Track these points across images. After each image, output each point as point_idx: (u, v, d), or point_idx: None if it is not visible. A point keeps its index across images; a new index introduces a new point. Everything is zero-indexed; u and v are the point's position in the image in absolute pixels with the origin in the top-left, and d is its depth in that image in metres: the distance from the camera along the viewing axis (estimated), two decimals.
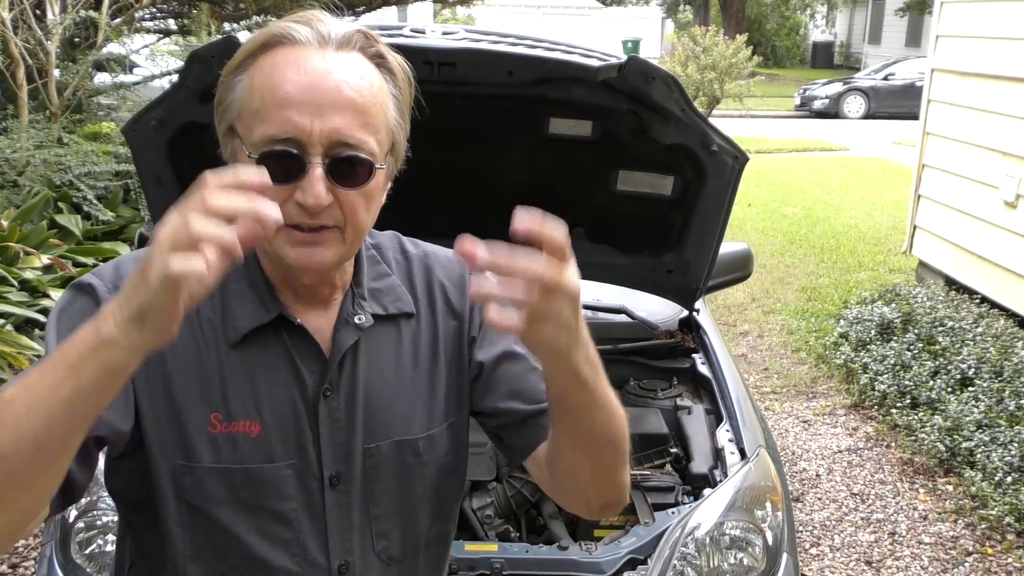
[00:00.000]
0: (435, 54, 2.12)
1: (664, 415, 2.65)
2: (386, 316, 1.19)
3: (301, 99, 1.01)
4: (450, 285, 1.25)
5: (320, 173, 1.01)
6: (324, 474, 1.14)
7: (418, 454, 1.20)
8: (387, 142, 1.08)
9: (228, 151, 1.09)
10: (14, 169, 5.27)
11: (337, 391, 1.15)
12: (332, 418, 1.14)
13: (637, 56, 2.18)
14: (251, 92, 1.04)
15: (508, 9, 25.23)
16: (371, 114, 1.04)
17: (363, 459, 1.16)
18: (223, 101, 1.07)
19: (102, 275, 1.10)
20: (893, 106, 19.32)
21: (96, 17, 5.99)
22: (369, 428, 1.16)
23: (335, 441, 1.15)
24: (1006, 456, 3.81)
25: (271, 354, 1.12)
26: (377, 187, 1.08)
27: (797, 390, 5.24)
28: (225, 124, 1.08)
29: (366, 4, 8.96)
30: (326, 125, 1.01)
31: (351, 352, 1.16)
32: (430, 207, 2.70)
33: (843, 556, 3.58)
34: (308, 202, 1.01)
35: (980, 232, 5.79)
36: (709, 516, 2.09)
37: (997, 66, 5.62)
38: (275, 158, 1.01)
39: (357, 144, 1.03)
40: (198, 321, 1.10)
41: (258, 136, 1.02)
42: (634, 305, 3.03)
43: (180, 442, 1.09)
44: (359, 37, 1.07)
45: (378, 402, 1.17)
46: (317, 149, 1.01)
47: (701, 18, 30.51)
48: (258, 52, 1.05)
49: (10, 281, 4.23)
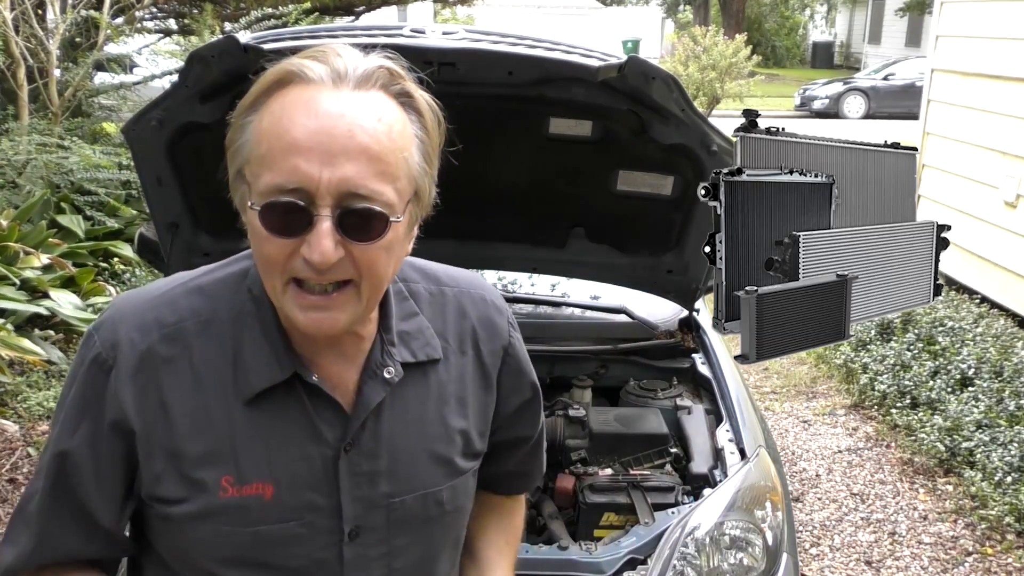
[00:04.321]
0: (435, 54, 2.12)
1: (664, 415, 2.65)
2: (415, 364, 1.12)
3: (310, 145, 0.92)
4: (483, 332, 1.19)
5: (328, 227, 0.93)
6: (344, 529, 1.08)
7: (441, 504, 1.14)
8: (408, 190, 0.99)
9: (237, 197, 1.01)
10: (14, 169, 5.26)
11: (359, 446, 1.08)
12: (353, 472, 1.07)
13: (637, 56, 2.17)
14: (259, 135, 0.96)
15: (508, 9, 25.20)
16: (388, 161, 0.95)
17: (387, 513, 1.10)
18: (233, 143, 1.00)
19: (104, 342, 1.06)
20: (893, 106, 19.31)
21: (97, 17, 5.98)
22: (393, 482, 1.10)
23: (356, 496, 1.08)
24: (1006, 456, 3.81)
25: (287, 413, 1.05)
26: (397, 239, 0.99)
27: (797, 390, 5.25)
28: (235, 168, 1.00)
29: (366, 4, 8.97)
30: (336, 174, 0.92)
31: (375, 406, 1.08)
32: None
33: (843, 556, 3.58)
34: (314, 259, 0.93)
35: (980, 232, 5.79)
36: (709, 516, 2.09)
37: (997, 66, 5.62)
38: (280, 209, 0.94)
39: (370, 195, 0.94)
40: (206, 376, 1.04)
41: (264, 184, 0.94)
42: (634, 305, 3.03)
43: (188, 507, 1.04)
44: (382, 73, 0.98)
45: (402, 456, 1.10)
46: (326, 200, 0.93)
47: (701, 18, 30.48)
48: (271, 91, 0.97)
49: (10, 280, 4.23)
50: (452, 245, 2.77)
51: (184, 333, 1.05)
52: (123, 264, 5.36)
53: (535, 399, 1.29)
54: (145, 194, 2.49)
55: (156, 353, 1.04)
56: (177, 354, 1.05)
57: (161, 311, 1.06)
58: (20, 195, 5.20)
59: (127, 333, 1.05)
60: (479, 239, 2.77)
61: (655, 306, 3.04)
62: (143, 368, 1.04)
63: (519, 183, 2.66)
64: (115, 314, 1.08)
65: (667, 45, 27.49)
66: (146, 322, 1.05)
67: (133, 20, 6.88)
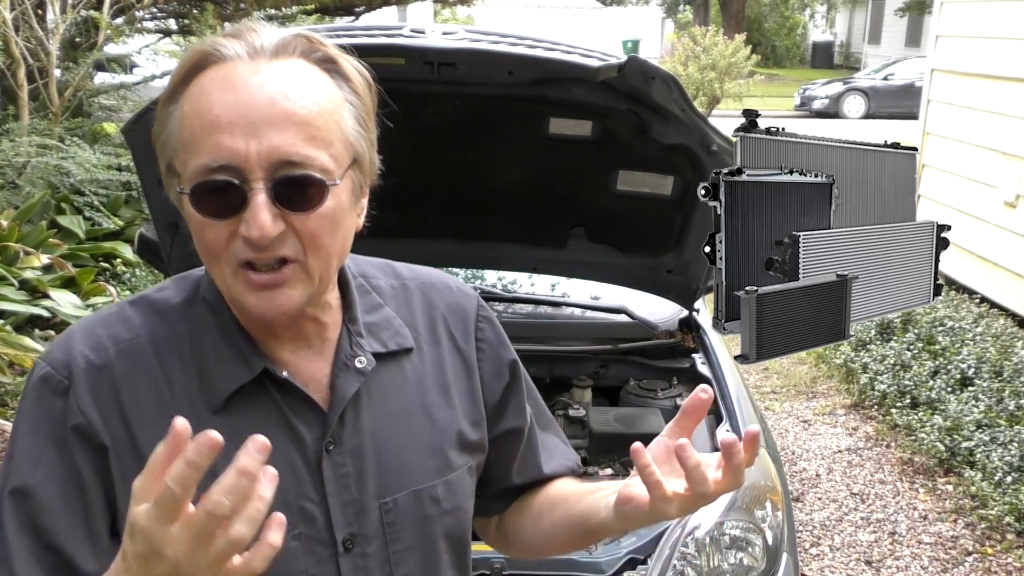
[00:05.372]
0: (435, 54, 2.12)
1: (664, 415, 2.65)
2: (387, 353, 1.07)
3: (231, 119, 0.88)
4: (453, 319, 1.15)
5: (264, 200, 0.89)
6: (336, 539, 1.01)
7: (437, 502, 1.08)
8: (346, 155, 0.95)
9: (173, 194, 0.95)
10: (14, 170, 5.27)
11: (341, 444, 1.02)
12: (339, 474, 1.01)
13: (637, 56, 2.18)
14: (182, 121, 0.91)
15: (507, 9, 25.21)
16: (317, 125, 0.91)
17: (380, 516, 1.04)
18: (159, 136, 0.95)
19: (55, 363, 0.98)
20: (893, 106, 19.32)
21: (97, 17, 5.98)
22: (382, 480, 1.04)
23: (344, 500, 1.02)
24: (1006, 456, 3.81)
25: (260, 415, 0.98)
26: (340, 208, 0.94)
27: (797, 390, 5.25)
28: (164, 163, 0.95)
29: (366, 4, 8.97)
30: (263, 144, 0.88)
31: (353, 399, 1.03)
32: (430, 208, 2.71)
33: (843, 556, 3.58)
34: (252, 235, 0.89)
35: (980, 232, 5.79)
36: (709, 516, 2.09)
37: (997, 66, 5.63)
38: (211, 191, 0.89)
39: (303, 161, 0.90)
40: (170, 393, 0.97)
41: (192, 168, 0.90)
42: (634, 305, 3.03)
43: None
44: (300, 41, 0.94)
45: (388, 450, 1.05)
46: (257, 174, 0.88)
47: (701, 18, 30.49)
48: (189, 76, 0.93)
49: (10, 280, 4.23)
50: (452, 245, 2.77)
51: (141, 350, 0.99)
52: (124, 265, 5.36)
53: (516, 382, 1.21)
54: (145, 194, 2.49)
55: (114, 369, 0.97)
56: (137, 372, 0.98)
57: (115, 328, 1.00)
58: (20, 195, 5.20)
59: (80, 351, 0.98)
60: (479, 239, 2.77)
61: (655, 306, 3.04)
62: (102, 384, 0.97)
63: (519, 183, 2.66)
64: (63, 338, 1.00)
65: (667, 45, 27.47)
66: (99, 339, 0.99)
67: (133, 20, 6.89)
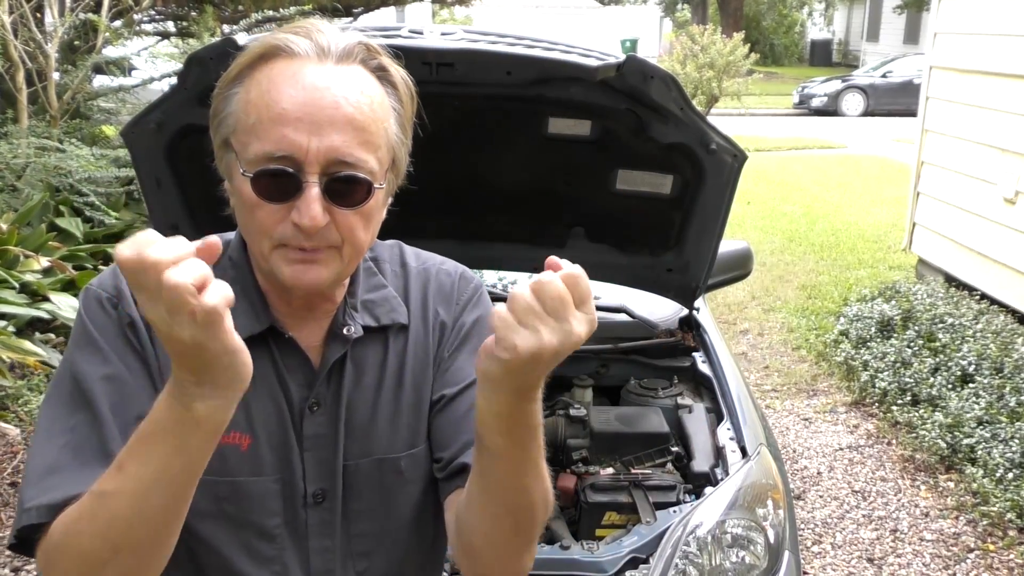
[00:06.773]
0: (433, 55, 2.12)
1: (665, 414, 2.65)
2: (377, 328, 1.16)
3: (298, 115, 0.97)
4: (439, 295, 1.22)
5: (316, 193, 0.98)
6: (308, 491, 1.12)
7: (400, 472, 1.16)
8: (387, 159, 1.05)
9: (223, 165, 1.06)
10: (13, 173, 5.26)
11: (323, 406, 1.12)
12: (316, 434, 1.12)
13: (635, 55, 2.18)
14: (247, 106, 1.01)
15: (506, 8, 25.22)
16: (371, 131, 1.01)
17: (344, 476, 1.13)
18: (218, 113, 1.04)
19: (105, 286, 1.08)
20: (891, 103, 19.33)
21: (96, 20, 5.98)
22: (350, 444, 1.13)
23: (319, 458, 1.12)
24: (1007, 452, 3.81)
25: (259, 368, 1.04)
26: (376, 206, 1.05)
27: (798, 388, 5.25)
28: (220, 137, 1.05)
29: (364, 4, 8.96)
30: (323, 143, 0.98)
31: (338, 366, 1.13)
32: (429, 208, 2.70)
33: (845, 553, 3.58)
34: (304, 223, 0.98)
35: (979, 228, 5.79)
36: (711, 514, 2.09)
37: (996, 62, 5.62)
38: (270, 176, 0.99)
39: (355, 163, 1.00)
40: None
41: (253, 153, 0.99)
42: (634, 304, 3.03)
43: None
44: (360, 49, 1.04)
45: (359, 418, 1.14)
46: (314, 168, 0.98)
47: (699, 16, 30.47)
48: (255, 64, 1.02)
49: (10, 284, 4.23)
50: (452, 245, 2.76)
51: None
52: None
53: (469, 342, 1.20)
54: (145, 196, 2.49)
55: None
56: None
57: None
58: (19, 198, 5.20)
59: (126, 285, 1.05)
60: (479, 239, 2.76)
61: (655, 305, 3.04)
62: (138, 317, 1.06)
63: (518, 183, 2.66)
64: (110, 269, 1.09)
65: (665, 44, 27.49)
66: None
67: (131, 23, 6.87)
